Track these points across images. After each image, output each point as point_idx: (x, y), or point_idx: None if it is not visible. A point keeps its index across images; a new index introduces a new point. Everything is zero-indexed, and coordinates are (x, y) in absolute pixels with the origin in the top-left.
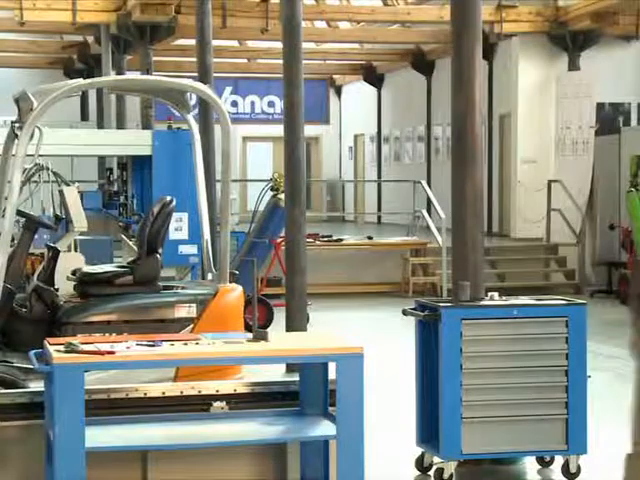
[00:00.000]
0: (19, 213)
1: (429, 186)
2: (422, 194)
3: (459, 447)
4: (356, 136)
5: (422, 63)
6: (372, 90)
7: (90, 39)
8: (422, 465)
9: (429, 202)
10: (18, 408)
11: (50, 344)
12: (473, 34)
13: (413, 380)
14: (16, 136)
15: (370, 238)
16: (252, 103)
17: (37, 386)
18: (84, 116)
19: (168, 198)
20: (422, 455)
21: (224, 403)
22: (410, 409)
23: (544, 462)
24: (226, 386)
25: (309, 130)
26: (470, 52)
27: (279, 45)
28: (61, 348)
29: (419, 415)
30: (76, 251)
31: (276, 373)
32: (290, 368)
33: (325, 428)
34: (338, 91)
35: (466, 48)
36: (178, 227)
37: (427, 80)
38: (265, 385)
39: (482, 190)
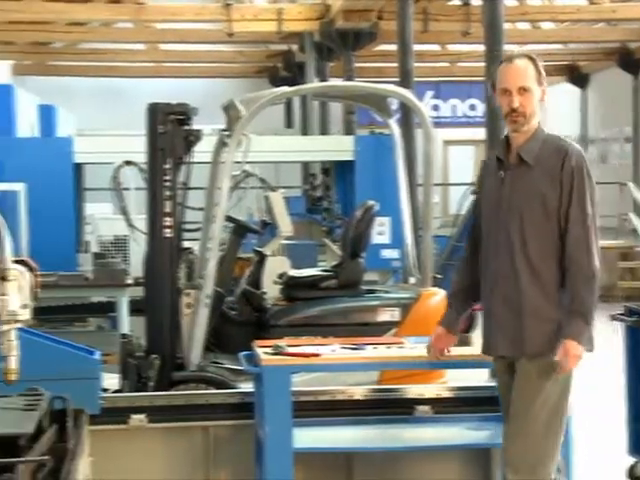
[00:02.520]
0: (228, 219)
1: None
2: (629, 196)
3: None
4: None
5: (629, 62)
6: (575, 90)
7: (294, 47)
8: (634, 475)
9: (636, 204)
10: (229, 408)
11: (258, 346)
12: None
13: (622, 388)
14: (225, 144)
15: None
16: (453, 107)
17: (246, 387)
18: (289, 123)
19: (371, 202)
20: (635, 464)
21: (428, 407)
22: (619, 417)
23: None
24: (430, 390)
25: None
26: None
27: (481, 48)
28: (269, 350)
29: (630, 424)
30: (282, 255)
31: (480, 378)
32: (494, 373)
33: None
34: None
35: None
36: (380, 231)
37: (634, 79)
38: (469, 390)
39: None
